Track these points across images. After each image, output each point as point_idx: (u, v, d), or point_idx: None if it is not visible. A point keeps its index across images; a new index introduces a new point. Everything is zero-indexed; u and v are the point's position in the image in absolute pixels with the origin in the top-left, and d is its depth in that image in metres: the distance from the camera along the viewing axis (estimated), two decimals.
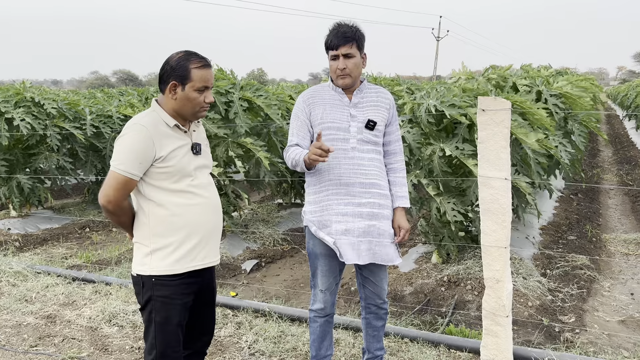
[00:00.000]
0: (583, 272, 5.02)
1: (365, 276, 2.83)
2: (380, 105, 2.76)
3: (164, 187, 2.28)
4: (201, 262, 2.39)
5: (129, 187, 2.24)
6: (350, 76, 2.66)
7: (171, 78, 2.26)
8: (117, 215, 2.30)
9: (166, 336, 2.35)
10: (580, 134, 5.14)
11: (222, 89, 5.42)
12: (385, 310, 2.91)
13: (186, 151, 2.33)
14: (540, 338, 3.71)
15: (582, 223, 6.91)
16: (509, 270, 2.85)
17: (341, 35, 2.61)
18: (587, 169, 11.04)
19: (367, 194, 2.67)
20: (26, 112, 6.44)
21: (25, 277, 4.81)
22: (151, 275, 2.31)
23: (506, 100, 2.60)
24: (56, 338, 3.68)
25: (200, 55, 2.31)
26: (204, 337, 2.65)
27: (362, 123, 2.69)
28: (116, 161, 2.21)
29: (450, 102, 4.21)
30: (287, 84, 11.65)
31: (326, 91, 2.77)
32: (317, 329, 2.90)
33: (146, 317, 2.37)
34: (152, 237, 2.31)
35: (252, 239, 6.30)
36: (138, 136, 2.21)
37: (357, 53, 2.65)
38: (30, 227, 7.00)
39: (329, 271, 2.79)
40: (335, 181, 2.67)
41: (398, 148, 2.85)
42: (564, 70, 11.15)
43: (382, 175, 2.76)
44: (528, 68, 6.12)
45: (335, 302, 2.91)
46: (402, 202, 2.80)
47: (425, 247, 5.38)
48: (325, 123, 2.69)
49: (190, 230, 2.33)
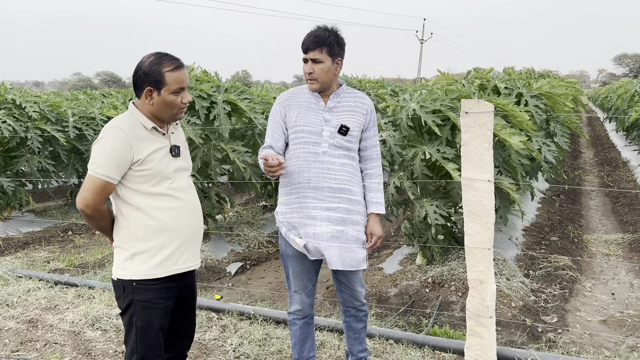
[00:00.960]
0: (565, 273, 5.08)
1: (340, 280, 2.84)
2: (357, 111, 2.74)
3: (142, 191, 2.27)
4: (182, 266, 2.38)
5: (107, 191, 2.22)
6: (317, 81, 2.65)
7: (146, 84, 2.24)
8: (96, 220, 2.28)
9: (148, 340, 2.34)
10: (563, 135, 5.21)
11: (205, 93, 5.39)
12: (365, 312, 2.91)
13: (164, 153, 2.32)
14: (524, 338, 3.74)
15: (564, 224, 7.00)
16: (493, 271, 2.88)
17: (312, 39, 2.60)
18: (569, 170, 11.17)
19: (335, 199, 2.67)
20: (7, 114, 6.36)
21: (6, 281, 4.74)
22: (132, 279, 2.29)
23: (489, 103, 2.62)
24: (38, 343, 3.63)
25: (172, 56, 2.29)
26: (184, 340, 2.64)
27: (335, 128, 2.68)
28: (94, 164, 2.20)
29: (431, 107, 4.23)
30: (272, 86, 11.64)
31: (303, 94, 2.76)
32: (297, 331, 2.90)
33: (127, 322, 2.35)
34: (132, 241, 2.29)
35: (236, 242, 6.28)
36: (116, 139, 2.19)
37: (328, 59, 2.62)
38: (11, 230, 6.91)
39: (301, 272, 2.79)
40: (305, 184, 2.67)
41: (375, 154, 2.83)
42: (546, 72, 11.30)
43: (354, 180, 2.74)
44: (510, 71, 6.19)
45: (313, 304, 2.91)
46: (376, 209, 2.79)
47: (409, 249, 5.41)
48: (299, 126, 2.69)
49: (170, 233, 2.31)
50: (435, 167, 4.56)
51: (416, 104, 4.31)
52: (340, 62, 2.70)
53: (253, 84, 50.72)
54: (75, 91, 15.62)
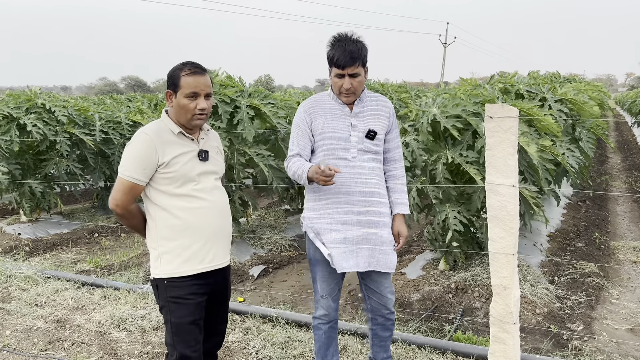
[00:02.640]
0: (591, 280, 5.01)
1: (369, 286, 2.83)
2: (380, 114, 2.77)
3: (167, 192, 2.40)
4: (209, 265, 2.47)
5: (134, 192, 2.38)
6: (355, 94, 2.70)
7: (167, 87, 2.42)
8: (127, 218, 2.45)
9: (183, 335, 2.43)
10: (589, 141, 5.14)
11: (229, 97, 5.45)
12: (392, 320, 2.90)
13: (190, 157, 2.43)
14: (549, 346, 3.70)
15: (590, 230, 6.89)
16: (517, 277, 2.85)
17: (348, 55, 2.59)
18: (595, 175, 10.99)
19: (366, 203, 2.69)
20: (37, 118, 6.51)
21: (35, 281, 4.85)
22: (163, 277, 2.42)
23: (514, 108, 2.61)
24: (66, 342, 3.70)
25: (195, 64, 2.42)
26: (215, 337, 2.71)
27: (362, 133, 2.71)
28: (122, 167, 2.36)
29: (452, 112, 4.22)
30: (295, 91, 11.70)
31: (327, 101, 2.78)
32: (321, 335, 2.91)
33: (164, 318, 2.48)
34: (160, 240, 2.43)
35: (259, 245, 6.32)
36: (142, 144, 2.35)
37: (362, 71, 2.66)
38: (40, 232, 7.06)
39: (329, 277, 2.80)
40: (335, 190, 2.69)
41: (398, 155, 2.87)
42: (572, 77, 11.14)
43: (382, 183, 2.79)
44: (535, 75, 6.12)
45: (337, 308, 2.92)
46: (402, 209, 2.82)
47: (432, 254, 5.38)
48: (326, 133, 2.71)
49: (193, 232, 2.41)
50: (458, 172, 4.54)
51: (437, 109, 4.30)
52: (367, 69, 2.74)
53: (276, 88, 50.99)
54: (101, 95, 15.92)
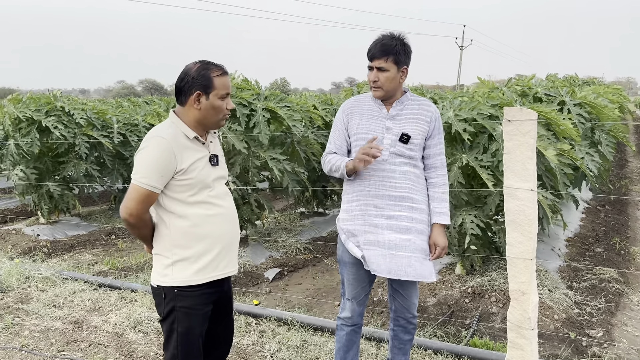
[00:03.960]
0: (611, 286, 4.93)
1: (396, 289, 2.81)
2: (420, 118, 2.71)
3: (184, 199, 2.29)
4: (222, 272, 2.41)
5: (150, 200, 2.25)
6: (382, 89, 2.66)
7: (194, 89, 2.28)
8: (139, 228, 2.31)
9: (188, 346, 2.37)
10: (608, 144, 5.06)
11: (246, 100, 5.47)
12: (414, 325, 2.88)
13: (205, 163, 2.34)
14: (567, 352, 3.64)
15: (609, 235, 6.78)
16: (535, 282, 2.82)
17: (379, 47, 2.60)
18: (615, 180, 10.83)
19: (396, 207, 2.64)
20: (57, 121, 6.60)
21: (53, 282, 4.91)
22: (173, 286, 2.32)
23: (532, 111, 2.58)
24: (83, 343, 3.74)
25: (216, 63, 2.34)
26: (222, 346, 2.67)
27: (396, 136, 2.66)
28: (138, 174, 2.22)
29: (467, 116, 4.19)
30: (310, 93, 11.70)
31: (367, 101, 2.77)
32: (343, 337, 2.89)
33: (167, 328, 2.38)
34: (174, 249, 2.32)
35: (274, 248, 6.32)
36: (159, 149, 2.21)
37: (393, 67, 2.61)
38: (58, 233, 7.15)
39: (355, 280, 2.78)
40: (365, 192, 2.67)
41: (439, 162, 2.78)
42: (591, 79, 11.01)
43: (416, 188, 2.70)
44: (553, 77, 6.06)
45: (363, 313, 2.89)
46: (440, 219, 2.73)
47: (449, 258, 5.34)
48: (360, 134, 2.70)
49: (210, 240, 2.35)
50: (475, 175, 4.51)
51: (452, 112, 4.27)
52: (406, 71, 2.68)
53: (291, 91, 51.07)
54: (119, 98, 16.08)
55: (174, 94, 2.45)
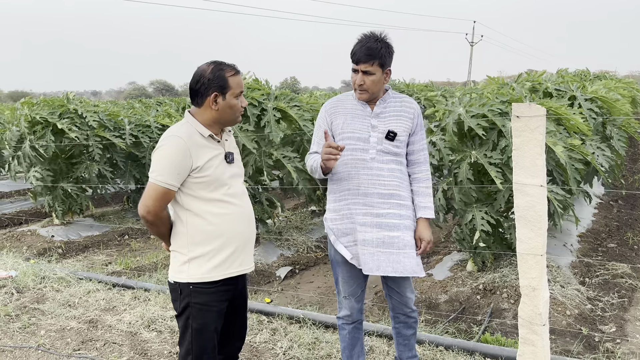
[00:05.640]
0: (624, 281, 4.90)
1: (390, 286, 2.83)
2: (404, 115, 2.72)
3: (201, 197, 2.33)
4: (237, 270, 2.44)
5: (167, 198, 2.30)
6: (367, 92, 2.65)
7: (211, 90, 2.32)
8: (157, 226, 2.36)
9: (203, 342, 2.41)
10: (620, 139, 5.03)
11: (256, 100, 5.50)
12: (415, 318, 2.89)
13: (220, 160, 2.38)
14: (580, 348, 3.63)
15: (622, 230, 6.74)
16: (546, 278, 2.82)
17: (364, 51, 2.58)
18: (627, 174, 10.73)
19: (385, 205, 2.66)
20: (70, 123, 6.68)
21: (68, 282, 4.97)
22: (189, 282, 2.37)
23: (541, 107, 2.58)
24: (98, 342, 3.79)
25: (229, 63, 2.38)
26: (236, 343, 2.70)
27: (382, 134, 2.67)
28: (155, 172, 2.27)
29: (478, 112, 4.18)
30: (320, 92, 11.72)
31: (349, 100, 2.77)
32: (346, 336, 2.91)
33: (183, 324, 2.42)
34: (190, 246, 2.36)
35: (285, 246, 6.36)
36: (175, 147, 2.26)
37: (378, 71, 2.61)
38: (72, 234, 7.23)
39: (350, 278, 2.80)
40: (354, 191, 2.68)
41: (422, 157, 2.80)
42: (603, 74, 10.92)
43: (403, 185, 2.73)
44: (564, 73, 6.03)
45: (362, 309, 2.91)
46: (425, 213, 2.75)
47: (460, 255, 5.34)
48: (345, 133, 2.70)
49: (227, 238, 2.38)
50: (485, 172, 4.50)
51: (463, 108, 4.27)
52: (389, 72, 2.69)
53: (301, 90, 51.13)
54: (130, 100, 16.20)
55: (185, 94, 2.49)
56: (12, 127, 7.00)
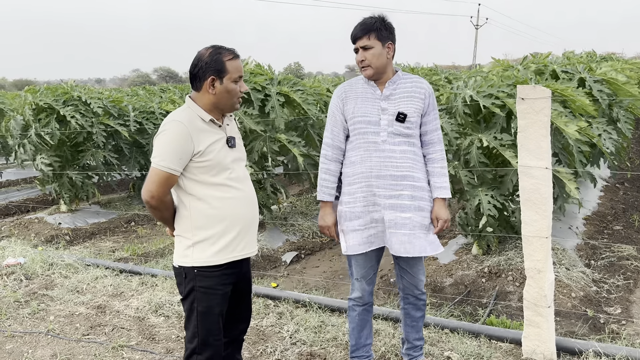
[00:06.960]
0: (630, 263, 4.90)
1: (402, 267, 2.84)
2: (414, 96, 2.70)
3: (203, 181, 2.35)
4: (240, 253, 2.47)
5: (170, 182, 2.32)
6: (371, 67, 2.65)
7: (208, 74, 2.33)
8: (160, 210, 2.38)
9: (208, 325, 2.44)
10: (627, 121, 5.00)
11: (260, 85, 5.49)
12: (424, 301, 2.92)
13: (222, 145, 2.39)
14: (585, 329, 3.65)
15: (628, 213, 6.72)
16: (551, 260, 2.82)
17: (359, 28, 2.63)
18: (634, 157, 10.68)
19: (398, 187, 2.67)
20: (74, 110, 6.69)
21: (76, 269, 5.02)
22: (193, 266, 2.39)
23: (546, 89, 2.57)
24: (106, 327, 3.83)
25: (228, 47, 2.38)
26: (240, 325, 2.73)
27: (392, 116, 2.67)
28: (157, 157, 2.28)
29: (487, 92, 4.16)
30: (324, 77, 11.67)
31: (359, 84, 2.77)
32: (355, 317, 2.94)
33: (188, 307, 2.45)
34: (194, 230, 2.39)
35: (291, 232, 6.38)
36: (176, 132, 2.28)
37: (377, 44, 2.62)
38: (79, 221, 7.28)
39: (364, 260, 2.82)
40: (367, 174, 2.69)
41: (436, 137, 2.78)
42: (609, 55, 10.81)
43: (417, 166, 2.72)
44: (570, 55, 5.97)
45: (373, 292, 2.93)
46: (441, 193, 2.75)
47: (465, 239, 5.35)
48: (357, 117, 2.71)
49: (229, 222, 2.40)
50: (491, 155, 4.49)
51: (472, 90, 4.24)
52: (392, 46, 2.68)
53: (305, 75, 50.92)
54: (134, 87, 16.18)
55: (188, 81, 2.48)
56: (16, 116, 7.02)
